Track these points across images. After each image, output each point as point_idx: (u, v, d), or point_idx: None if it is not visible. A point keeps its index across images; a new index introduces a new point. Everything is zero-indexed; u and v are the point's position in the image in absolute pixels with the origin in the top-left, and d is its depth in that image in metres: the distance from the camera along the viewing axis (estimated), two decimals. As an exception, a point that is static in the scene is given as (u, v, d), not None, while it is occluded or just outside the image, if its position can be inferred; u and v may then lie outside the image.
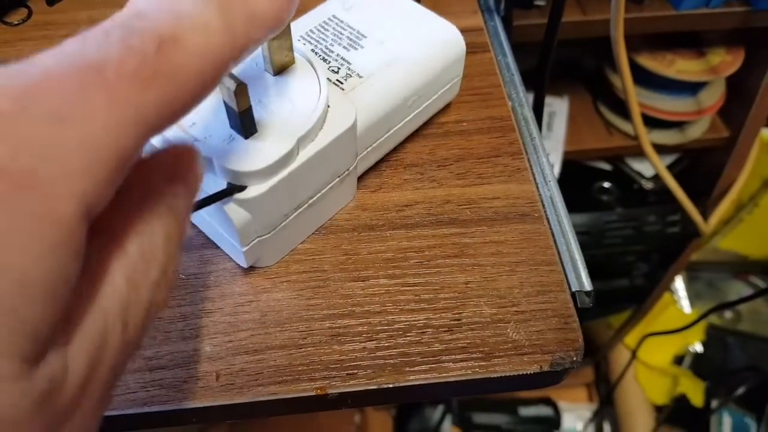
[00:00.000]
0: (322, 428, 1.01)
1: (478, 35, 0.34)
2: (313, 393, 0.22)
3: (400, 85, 0.26)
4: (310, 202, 0.24)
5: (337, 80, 0.25)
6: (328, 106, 0.23)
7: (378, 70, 0.26)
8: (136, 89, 0.12)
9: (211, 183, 0.21)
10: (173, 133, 0.22)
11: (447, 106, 0.31)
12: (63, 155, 0.11)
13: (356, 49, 0.27)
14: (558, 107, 0.66)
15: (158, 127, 0.13)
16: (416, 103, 0.27)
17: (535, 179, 0.28)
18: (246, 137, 0.22)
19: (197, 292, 0.24)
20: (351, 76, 0.26)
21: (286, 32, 0.23)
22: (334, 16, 0.28)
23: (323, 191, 0.25)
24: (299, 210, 0.24)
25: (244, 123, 0.21)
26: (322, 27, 0.27)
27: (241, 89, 0.20)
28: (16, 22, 0.34)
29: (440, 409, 1.01)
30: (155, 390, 0.22)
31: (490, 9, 0.36)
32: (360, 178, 0.28)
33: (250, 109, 0.21)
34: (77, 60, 0.12)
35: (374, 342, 0.23)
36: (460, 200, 0.27)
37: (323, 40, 0.27)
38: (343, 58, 0.26)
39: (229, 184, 0.21)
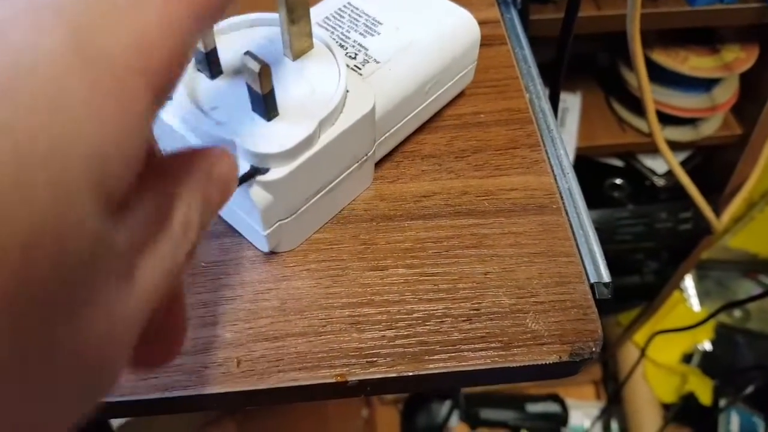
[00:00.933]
0: (330, 422, 1.02)
1: (495, 27, 0.34)
2: (333, 380, 0.22)
3: (418, 70, 0.26)
4: (330, 186, 0.25)
5: (355, 66, 0.26)
6: (347, 91, 0.23)
7: (395, 55, 0.26)
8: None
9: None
10: (197, 117, 0.22)
11: (464, 97, 0.31)
12: (134, 33, 0.11)
13: (372, 35, 0.27)
14: (571, 103, 0.66)
15: (209, 20, 0.13)
16: (433, 88, 0.27)
17: (553, 171, 0.28)
18: (268, 120, 0.22)
19: (218, 279, 0.24)
20: (368, 62, 0.26)
21: (305, 17, 0.23)
22: (349, 3, 0.28)
23: (342, 176, 0.25)
24: (320, 194, 0.24)
25: (267, 105, 0.21)
26: (338, 14, 0.28)
27: (265, 71, 0.20)
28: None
29: (447, 404, 1.01)
30: (177, 375, 0.22)
31: (506, 1, 0.36)
32: (378, 169, 0.28)
33: (272, 91, 0.21)
34: None
35: (393, 330, 0.23)
36: (478, 191, 0.27)
37: (339, 26, 0.27)
38: (360, 44, 0.26)
39: (252, 166, 0.21)
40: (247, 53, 0.20)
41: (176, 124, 0.22)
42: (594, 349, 0.23)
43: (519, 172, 0.28)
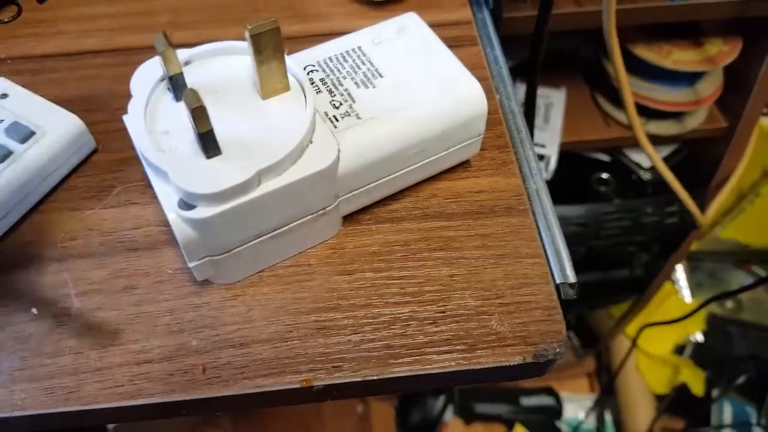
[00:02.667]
0: (324, 419, 1.02)
1: (467, 28, 0.34)
2: (298, 385, 0.22)
3: (400, 136, 0.25)
4: (275, 233, 0.24)
5: (334, 116, 0.24)
6: (311, 142, 0.23)
7: (381, 114, 0.25)
8: None
9: (170, 195, 0.21)
10: (144, 137, 0.22)
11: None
12: None
13: (367, 87, 0.25)
14: (555, 98, 0.66)
15: None
16: (418, 156, 0.26)
17: (521, 172, 0.28)
18: (207, 157, 0.21)
19: (184, 286, 0.25)
20: (349, 115, 0.24)
21: (278, 60, 0.22)
22: (359, 48, 0.27)
23: (292, 225, 0.24)
24: (260, 238, 0.23)
25: (205, 144, 0.21)
26: (343, 57, 0.26)
27: (198, 111, 0.20)
28: (6, 20, 0.34)
29: (442, 399, 1.02)
30: (142, 383, 0.22)
31: (478, 1, 0.36)
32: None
33: (211, 131, 0.20)
34: None
35: (359, 335, 0.24)
36: (446, 194, 0.28)
37: (338, 70, 0.26)
38: (349, 94, 0.25)
39: (180, 199, 0.21)
40: (188, 91, 0.20)
41: (132, 134, 0.22)
42: (558, 350, 0.24)
43: (487, 174, 0.28)
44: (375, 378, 0.23)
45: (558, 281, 0.25)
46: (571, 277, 0.25)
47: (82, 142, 0.28)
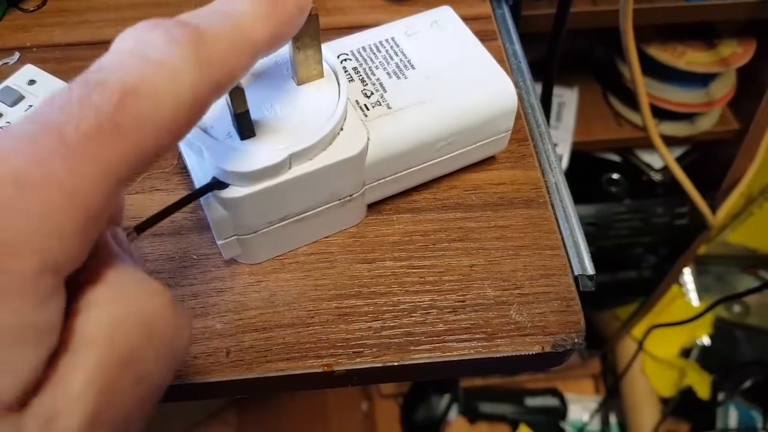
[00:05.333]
0: (329, 415, 1.02)
1: (486, 23, 0.34)
2: (320, 370, 0.23)
3: (428, 128, 0.25)
4: (302, 216, 0.24)
5: (365, 105, 0.25)
6: (342, 129, 0.23)
7: (411, 105, 0.25)
8: (98, 145, 0.12)
9: (203, 173, 0.22)
10: None
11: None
12: (22, 218, 0.12)
13: (399, 78, 0.26)
14: (568, 98, 0.66)
15: (131, 176, 0.13)
16: (446, 148, 0.26)
17: (540, 166, 0.29)
18: (242, 138, 0.22)
19: (209, 271, 0.25)
20: (380, 105, 0.25)
21: (314, 47, 0.22)
22: (392, 39, 0.27)
23: (318, 209, 0.24)
24: (287, 221, 0.24)
25: (240, 125, 0.21)
26: (376, 47, 0.27)
27: (236, 93, 0.20)
28: (31, 9, 0.35)
29: (446, 398, 1.02)
30: (167, 365, 0.23)
31: (498, -3, 0.37)
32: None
33: (246, 113, 0.21)
34: (40, 123, 0.12)
35: (380, 322, 0.24)
36: (466, 185, 0.28)
37: (371, 60, 0.26)
38: (381, 84, 0.25)
39: (213, 178, 0.21)
40: None
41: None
42: (576, 341, 0.24)
43: (507, 167, 0.29)
44: (395, 364, 0.23)
45: (576, 273, 0.26)
46: (590, 269, 0.26)
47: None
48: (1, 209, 0.12)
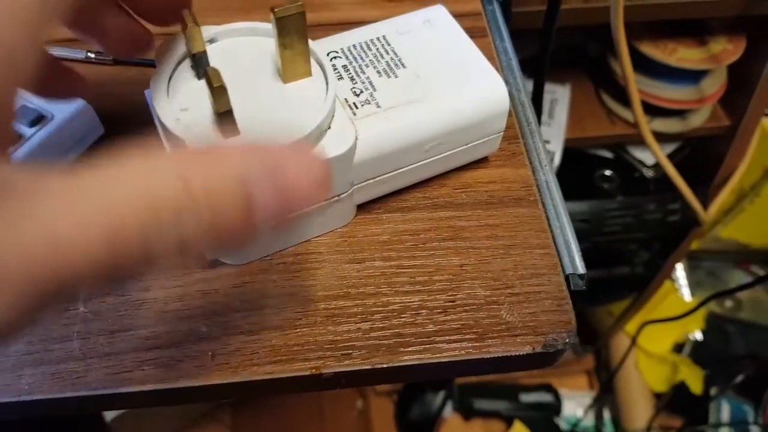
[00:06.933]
0: (324, 413, 1.02)
1: (476, 19, 0.33)
2: (308, 373, 0.22)
3: (419, 127, 0.24)
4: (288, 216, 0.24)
5: (354, 103, 0.24)
6: (329, 127, 0.23)
7: (401, 104, 0.24)
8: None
9: None
10: (166, 110, 0.22)
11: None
12: None
13: (389, 76, 0.25)
14: (560, 94, 0.66)
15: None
16: (436, 149, 0.25)
17: (531, 164, 0.28)
18: (225, 137, 0.21)
19: (194, 272, 0.24)
20: (369, 103, 0.24)
21: (301, 45, 0.22)
22: (383, 37, 0.27)
23: (305, 210, 0.24)
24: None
25: (223, 123, 0.21)
26: (367, 45, 0.26)
27: (218, 91, 0.19)
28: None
29: (441, 394, 1.02)
30: (151, 369, 0.22)
31: (488, -7, 0.36)
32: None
33: (229, 112, 0.20)
34: None
35: (369, 323, 0.24)
36: (456, 184, 0.28)
37: (361, 58, 0.26)
38: (371, 82, 0.25)
39: None
40: (210, 69, 0.20)
41: (154, 106, 0.22)
42: (567, 340, 0.24)
43: (497, 165, 0.28)
44: (384, 366, 0.23)
45: (568, 272, 0.25)
46: (581, 268, 0.25)
47: (90, 126, 0.28)
48: None
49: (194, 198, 0.13)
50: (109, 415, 0.78)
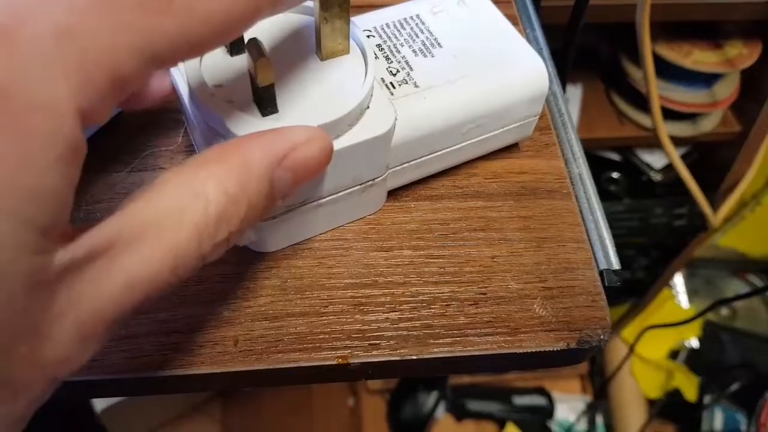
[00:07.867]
0: (315, 410, 1.01)
1: (506, 7, 0.33)
2: (334, 362, 0.21)
3: (457, 109, 0.23)
4: (321, 201, 0.22)
5: (391, 83, 0.23)
6: (368, 107, 0.21)
7: (439, 84, 0.23)
8: (146, 16, 0.12)
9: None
10: (201, 87, 0.21)
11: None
12: (64, 72, 0.12)
13: (425, 56, 0.24)
14: (571, 94, 0.65)
15: (168, 58, 0.13)
16: (473, 132, 0.24)
17: (563, 155, 0.28)
18: (263, 115, 0.20)
19: (216, 255, 0.23)
20: (407, 83, 0.23)
21: (342, 19, 0.21)
22: (417, 16, 0.26)
23: (339, 194, 0.23)
24: (305, 206, 0.22)
25: (263, 100, 0.20)
26: (401, 24, 0.25)
27: (263, 64, 0.18)
28: None
29: (434, 395, 1.01)
30: (171, 354, 0.21)
31: (517, -17, 0.35)
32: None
33: (271, 87, 0.19)
34: None
35: (397, 313, 0.23)
36: (486, 173, 0.27)
37: (395, 37, 0.25)
38: (407, 62, 0.24)
39: None
40: (252, 40, 0.18)
41: (183, 84, 0.21)
42: (602, 337, 0.23)
43: (529, 155, 0.27)
44: (414, 358, 0.22)
45: (602, 267, 0.24)
46: (615, 264, 0.25)
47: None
48: (41, 61, 0.11)
49: (236, 203, 0.15)
50: (99, 406, 0.77)
